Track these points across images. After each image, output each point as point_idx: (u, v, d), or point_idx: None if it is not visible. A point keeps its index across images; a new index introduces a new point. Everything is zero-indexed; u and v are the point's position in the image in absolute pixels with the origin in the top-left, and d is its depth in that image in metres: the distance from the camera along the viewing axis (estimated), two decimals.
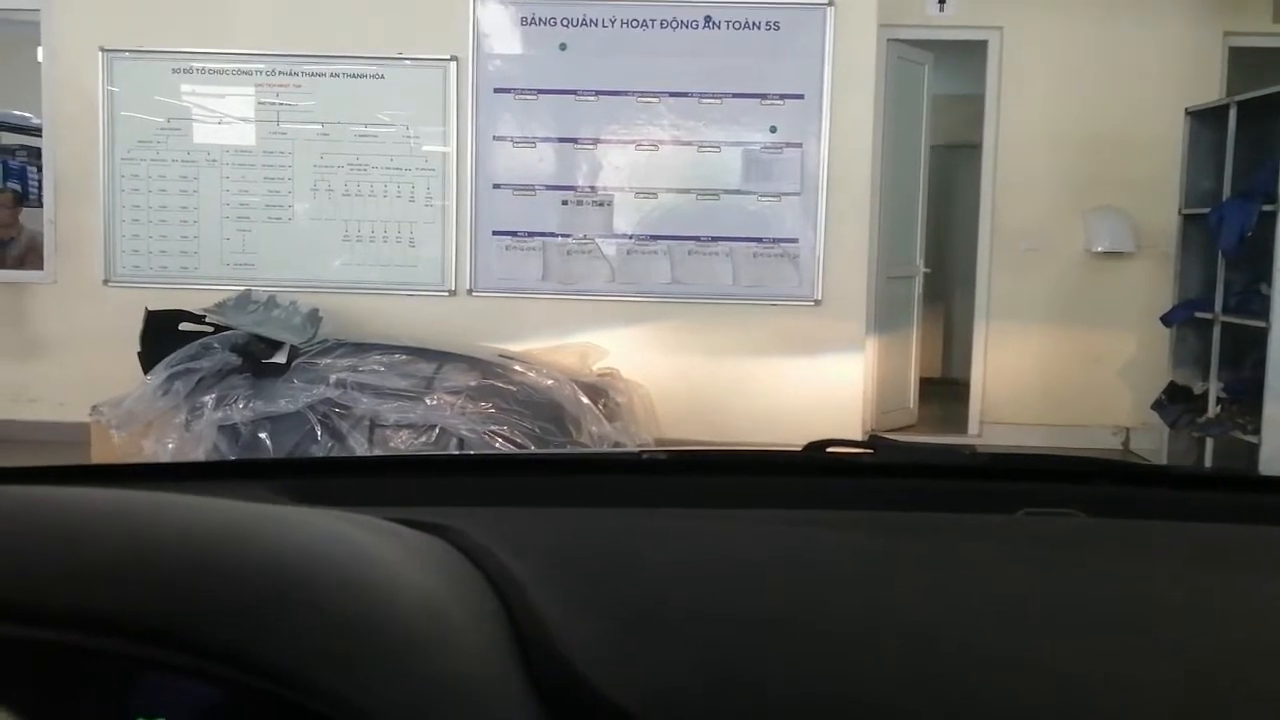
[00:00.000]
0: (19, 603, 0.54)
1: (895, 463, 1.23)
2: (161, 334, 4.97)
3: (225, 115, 5.66)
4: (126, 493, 0.69)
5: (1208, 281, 5.48)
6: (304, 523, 0.71)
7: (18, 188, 6.11)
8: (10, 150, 6.36)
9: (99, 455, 4.71)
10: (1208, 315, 5.40)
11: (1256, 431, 4.89)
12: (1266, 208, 4.86)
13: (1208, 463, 5.37)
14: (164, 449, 4.55)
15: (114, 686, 0.59)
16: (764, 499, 1.08)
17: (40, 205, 5.87)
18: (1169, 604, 0.80)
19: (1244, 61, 6.14)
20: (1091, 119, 6.09)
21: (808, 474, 1.20)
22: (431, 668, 0.59)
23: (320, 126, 5.63)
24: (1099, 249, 6.09)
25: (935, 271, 7.24)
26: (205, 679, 0.54)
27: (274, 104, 5.64)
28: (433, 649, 0.61)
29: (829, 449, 1.21)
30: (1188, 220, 5.63)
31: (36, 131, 5.90)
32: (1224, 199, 5.24)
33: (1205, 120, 5.53)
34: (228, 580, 0.59)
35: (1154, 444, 5.92)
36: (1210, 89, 5.95)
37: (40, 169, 5.86)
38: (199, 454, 4.51)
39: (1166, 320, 5.68)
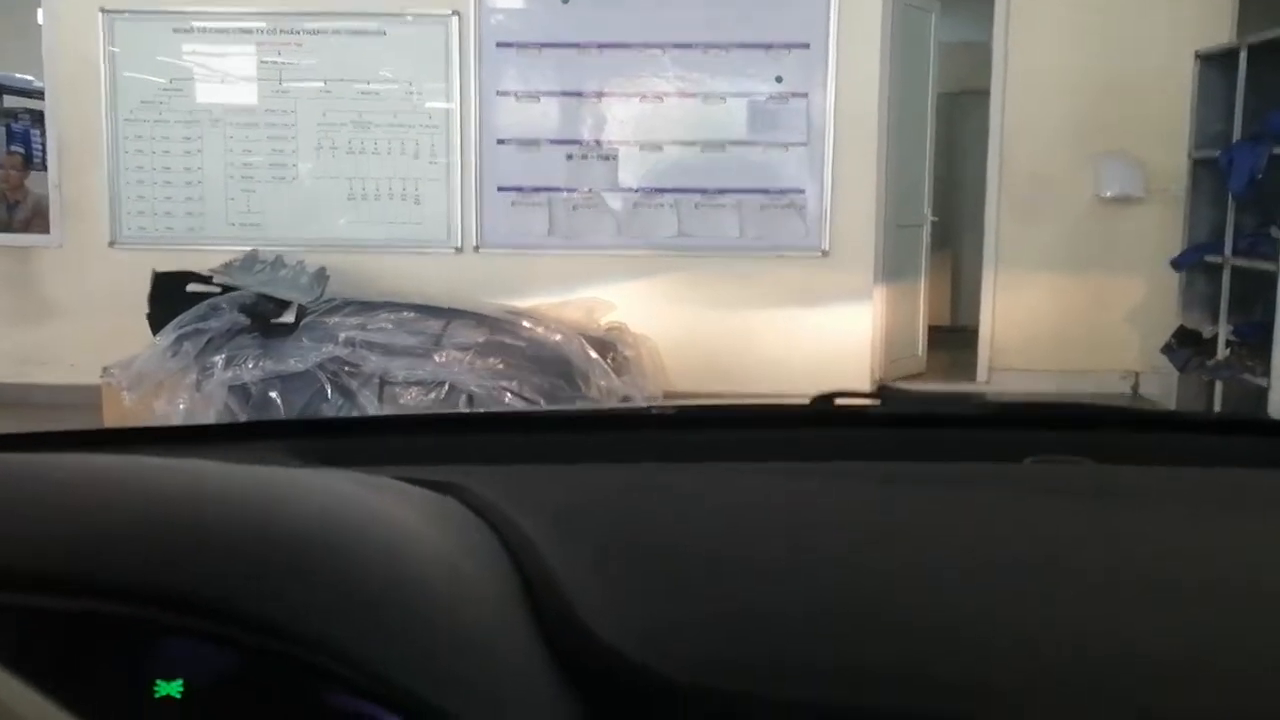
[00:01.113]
0: (31, 571, 0.55)
1: (902, 413, 1.23)
2: (169, 295, 4.98)
3: (227, 75, 5.63)
4: (135, 458, 0.69)
5: (1218, 225, 5.44)
6: (313, 484, 0.72)
7: (22, 151, 6.09)
8: (13, 113, 6.32)
9: (111, 417, 4.74)
10: (1217, 259, 5.37)
11: (1266, 374, 4.87)
12: (1277, 150, 4.82)
13: (1216, 407, 5.36)
14: (175, 410, 4.57)
15: (130, 652, 0.59)
16: (772, 452, 1.08)
17: (44, 169, 5.85)
18: (1178, 550, 0.80)
19: (1255, 3, 6.05)
20: (1101, 63, 6.02)
21: (815, 426, 1.20)
22: (445, 625, 0.60)
23: (323, 84, 5.60)
24: (1108, 194, 6.04)
25: (943, 219, 7.19)
26: (220, 643, 0.55)
27: (275, 63, 5.60)
28: (445, 607, 0.61)
29: (836, 401, 1.21)
30: (1198, 164, 5.58)
31: (39, 95, 5.87)
32: (1234, 141, 5.20)
33: (1215, 63, 5.46)
34: (239, 544, 0.59)
35: (1163, 388, 5.91)
36: (1221, 31, 5.87)
37: (44, 132, 5.84)
38: (210, 414, 4.53)
39: (1176, 264, 5.65)
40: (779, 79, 5.49)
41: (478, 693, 0.56)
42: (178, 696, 0.60)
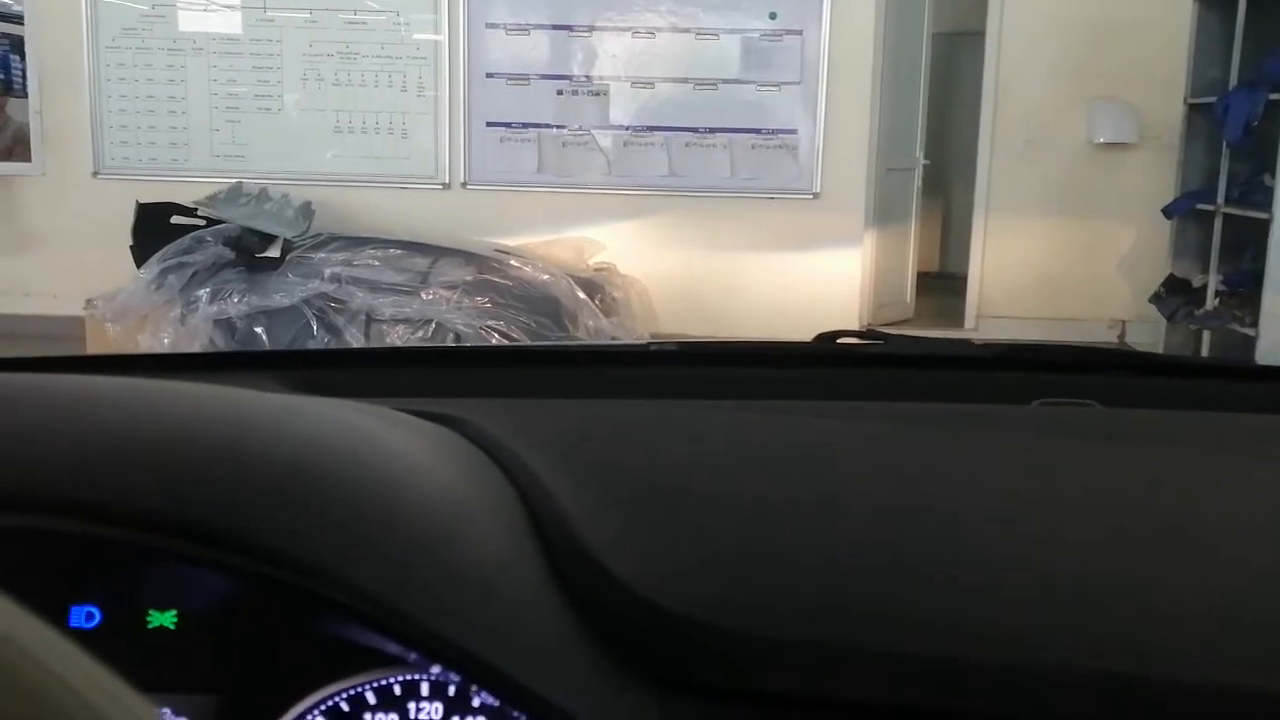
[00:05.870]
0: (20, 493, 0.52)
1: (908, 354, 1.22)
2: (153, 227, 4.93)
3: (210, 2, 5.52)
4: (134, 380, 0.67)
5: (1211, 173, 5.41)
6: (316, 411, 0.69)
7: (2, 77, 5.98)
8: None
9: (95, 349, 4.70)
10: (1210, 207, 5.35)
11: (1254, 324, 4.88)
12: (1274, 96, 4.78)
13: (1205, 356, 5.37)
14: (160, 343, 4.54)
15: (126, 578, 0.57)
16: (775, 390, 1.06)
17: (25, 95, 5.75)
18: (1188, 493, 0.80)
19: None
20: (1098, 5, 5.96)
21: (819, 365, 1.18)
22: (451, 556, 0.58)
23: (309, 14, 5.49)
24: (1101, 140, 6.01)
25: (935, 163, 7.14)
26: (218, 571, 0.53)
27: None
28: (451, 538, 0.59)
29: (839, 340, 1.20)
30: (1193, 110, 5.54)
31: (19, 19, 5.75)
32: (1231, 88, 5.15)
33: (1214, 6, 5.40)
34: (240, 469, 0.57)
35: (1151, 337, 5.92)
36: None
37: (24, 58, 5.73)
38: (195, 348, 4.50)
39: (1168, 212, 5.63)
40: (773, 15, 5.41)
41: (482, 623, 0.55)
42: (172, 627, 0.58)
